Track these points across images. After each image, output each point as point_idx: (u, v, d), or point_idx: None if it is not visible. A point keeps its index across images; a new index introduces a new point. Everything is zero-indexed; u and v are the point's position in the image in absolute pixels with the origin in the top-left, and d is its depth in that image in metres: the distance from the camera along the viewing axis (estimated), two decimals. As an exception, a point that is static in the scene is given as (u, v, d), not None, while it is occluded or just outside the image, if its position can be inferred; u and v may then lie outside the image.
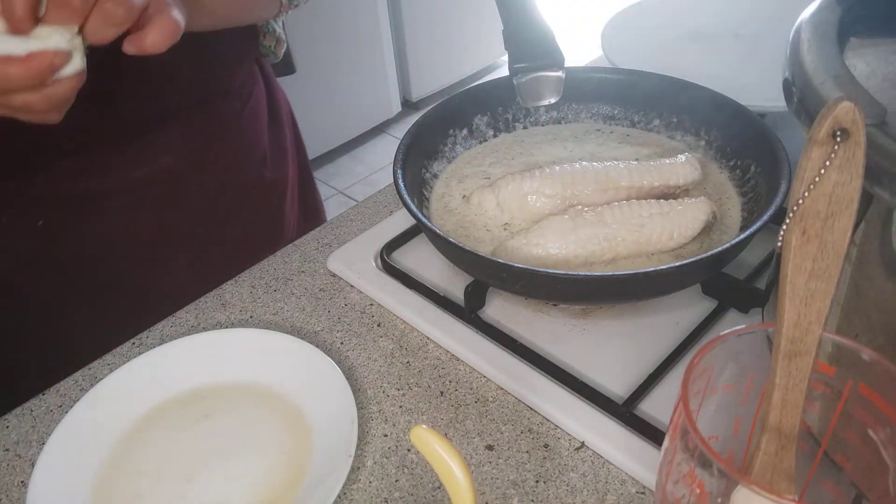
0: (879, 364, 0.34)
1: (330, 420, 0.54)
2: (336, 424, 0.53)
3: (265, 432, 0.55)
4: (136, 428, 0.56)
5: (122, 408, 0.57)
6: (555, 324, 0.62)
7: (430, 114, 0.71)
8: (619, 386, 0.56)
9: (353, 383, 0.59)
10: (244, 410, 0.57)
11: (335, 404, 0.55)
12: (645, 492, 0.50)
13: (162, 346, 0.60)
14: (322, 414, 0.55)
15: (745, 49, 0.88)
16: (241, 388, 0.58)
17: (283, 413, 0.56)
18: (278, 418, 0.56)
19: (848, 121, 0.31)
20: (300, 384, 0.57)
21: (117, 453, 0.54)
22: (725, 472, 0.32)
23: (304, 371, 0.58)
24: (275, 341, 0.60)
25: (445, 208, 0.68)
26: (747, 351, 0.37)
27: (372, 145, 2.80)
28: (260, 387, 0.58)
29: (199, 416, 0.57)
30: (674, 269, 0.54)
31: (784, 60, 0.45)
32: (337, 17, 2.46)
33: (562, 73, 0.67)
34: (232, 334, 0.61)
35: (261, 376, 0.59)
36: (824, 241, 0.33)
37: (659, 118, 0.74)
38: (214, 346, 0.61)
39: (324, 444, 0.53)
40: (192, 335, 0.61)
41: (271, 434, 0.55)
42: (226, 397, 0.58)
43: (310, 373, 0.57)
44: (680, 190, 0.66)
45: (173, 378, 0.59)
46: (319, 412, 0.55)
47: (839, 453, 0.38)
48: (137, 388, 0.58)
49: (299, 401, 0.57)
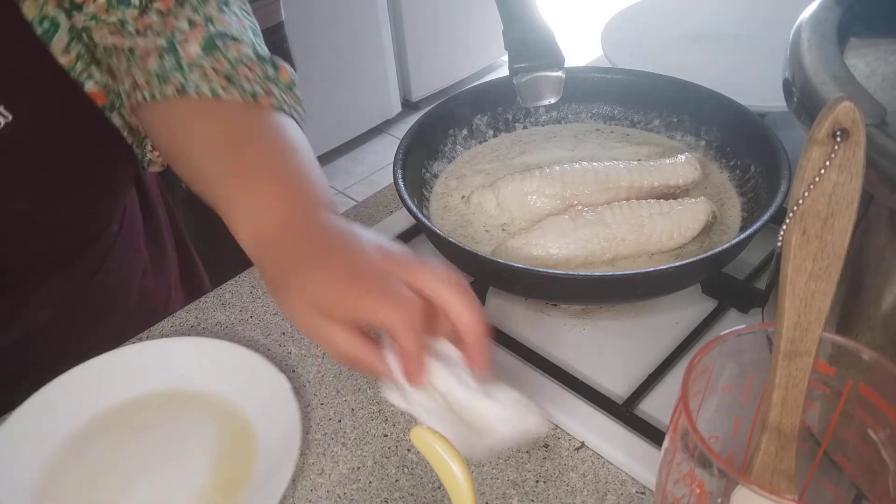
0: (879, 364, 0.34)
1: (274, 428, 0.54)
2: (280, 433, 0.53)
3: (206, 440, 0.54)
4: (77, 435, 0.56)
5: (64, 416, 0.56)
6: (555, 324, 0.62)
7: (430, 114, 0.71)
8: (619, 386, 0.56)
9: (352, 383, 0.59)
10: (186, 419, 0.56)
11: (281, 412, 0.54)
12: (645, 492, 0.50)
13: (105, 355, 0.59)
14: (267, 422, 0.54)
15: (745, 49, 0.88)
16: (183, 396, 0.58)
17: (225, 421, 0.56)
18: (220, 426, 0.55)
19: (848, 121, 0.30)
20: (245, 393, 0.57)
21: (57, 461, 0.54)
22: (725, 472, 0.32)
23: (251, 380, 0.57)
24: (220, 350, 0.60)
25: (445, 208, 0.68)
26: (747, 351, 0.37)
27: (372, 145, 2.80)
28: (203, 395, 0.58)
29: (141, 425, 0.56)
30: (674, 269, 0.54)
31: (784, 60, 0.45)
32: (337, 18, 2.46)
33: (562, 73, 0.67)
34: (177, 343, 0.61)
35: (205, 385, 0.58)
36: (824, 241, 0.33)
37: (659, 118, 0.74)
38: (159, 355, 0.60)
39: (267, 453, 0.53)
40: (136, 343, 0.61)
41: (213, 442, 0.54)
42: (168, 406, 0.57)
43: (256, 382, 0.57)
44: (680, 190, 0.66)
45: (117, 387, 0.58)
46: (264, 420, 0.55)
47: (839, 453, 0.38)
48: (79, 396, 0.57)
49: (243, 408, 0.56)
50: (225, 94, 0.56)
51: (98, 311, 0.76)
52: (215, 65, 0.56)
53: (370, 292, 0.43)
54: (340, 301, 0.43)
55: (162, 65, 0.56)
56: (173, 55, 0.56)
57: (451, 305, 0.43)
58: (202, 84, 0.56)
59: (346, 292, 0.44)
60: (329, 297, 0.44)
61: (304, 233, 0.48)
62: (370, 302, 0.42)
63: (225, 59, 0.57)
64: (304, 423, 0.55)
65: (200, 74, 0.56)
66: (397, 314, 0.42)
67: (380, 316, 0.42)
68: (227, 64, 0.57)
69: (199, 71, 0.56)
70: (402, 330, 0.42)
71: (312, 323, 0.44)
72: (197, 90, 0.56)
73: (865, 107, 0.33)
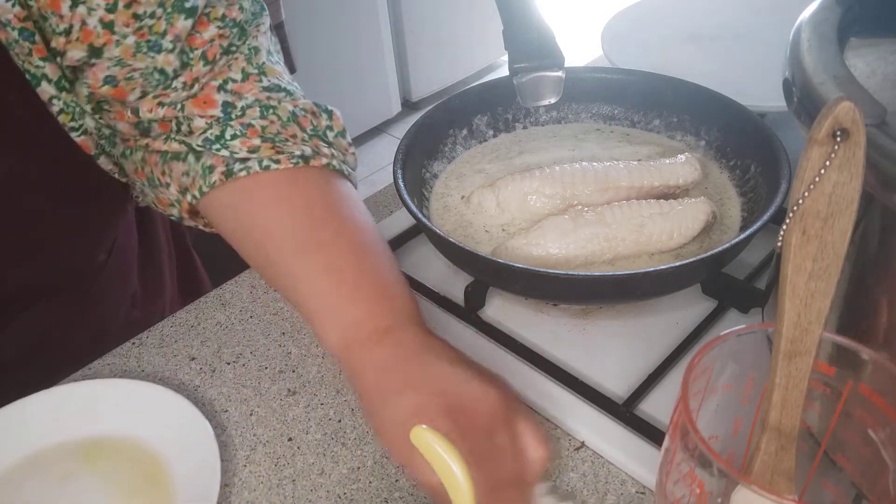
0: (879, 364, 0.34)
1: (194, 471, 0.52)
2: (200, 475, 0.51)
3: (125, 485, 0.53)
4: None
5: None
6: (555, 324, 0.62)
7: (430, 114, 0.71)
8: (619, 386, 0.56)
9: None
10: (103, 465, 0.54)
11: (199, 455, 0.52)
12: (645, 492, 0.50)
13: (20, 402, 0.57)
14: (185, 466, 0.53)
15: (745, 49, 0.88)
16: (100, 443, 0.55)
17: (144, 465, 0.54)
18: (139, 471, 0.53)
19: (848, 121, 0.30)
20: (164, 435, 0.55)
21: None
22: (725, 472, 0.32)
23: (171, 422, 0.55)
24: (139, 392, 0.57)
25: (445, 208, 0.68)
26: (747, 351, 0.37)
27: (372, 145, 2.80)
28: (121, 441, 0.55)
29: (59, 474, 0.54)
30: (674, 269, 0.54)
31: (784, 60, 0.45)
32: (337, 18, 2.46)
33: (562, 73, 0.67)
34: (89, 386, 0.58)
35: (122, 430, 0.56)
36: (824, 241, 0.33)
37: (659, 118, 0.74)
38: (77, 399, 0.57)
39: (186, 497, 0.51)
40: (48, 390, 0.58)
41: (130, 485, 0.52)
42: (84, 453, 0.55)
43: (176, 423, 0.55)
44: (680, 190, 0.66)
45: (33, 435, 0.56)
46: (183, 464, 0.53)
47: (839, 453, 0.38)
48: None
49: (162, 454, 0.54)
50: (276, 166, 0.54)
51: (80, 342, 0.73)
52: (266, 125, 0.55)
53: (473, 459, 0.41)
54: None
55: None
56: None
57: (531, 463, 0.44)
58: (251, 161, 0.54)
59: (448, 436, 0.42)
60: None
61: (402, 343, 0.47)
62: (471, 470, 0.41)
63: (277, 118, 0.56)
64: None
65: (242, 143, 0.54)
66: None
67: None
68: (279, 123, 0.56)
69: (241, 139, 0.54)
70: None
71: (407, 451, 0.43)
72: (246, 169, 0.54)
73: (865, 107, 0.33)
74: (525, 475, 0.44)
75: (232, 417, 0.57)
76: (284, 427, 0.56)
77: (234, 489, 0.52)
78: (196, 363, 0.62)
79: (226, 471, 0.54)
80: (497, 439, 0.43)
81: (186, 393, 0.59)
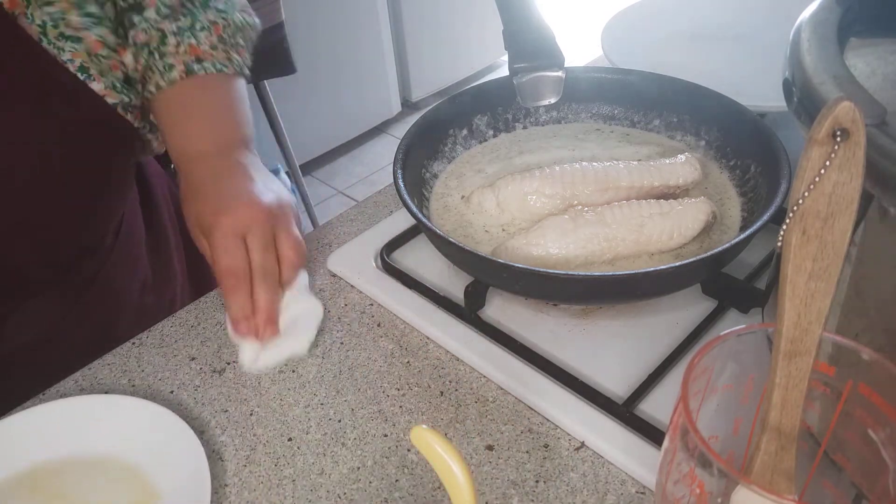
0: (879, 364, 0.34)
1: (182, 487, 0.51)
2: (188, 491, 0.50)
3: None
4: None
5: None
6: (555, 324, 0.62)
7: (430, 114, 0.71)
8: (619, 386, 0.56)
9: (352, 383, 0.59)
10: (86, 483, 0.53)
11: (187, 469, 0.51)
12: (645, 492, 0.50)
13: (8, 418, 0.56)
14: (173, 482, 0.51)
15: (745, 49, 0.88)
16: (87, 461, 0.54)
17: (129, 481, 0.52)
18: (124, 489, 0.52)
19: (848, 121, 0.31)
20: (150, 451, 0.54)
21: None
22: (725, 472, 0.32)
23: (158, 437, 0.54)
24: (125, 407, 0.56)
25: (445, 208, 0.68)
26: (747, 351, 0.37)
27: (372, 145, 2.80)
28: (106, 456, 0.54)
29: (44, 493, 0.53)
30: (674, 269, 0.54)
31: (784, 60, 0.45)
32: (337, 18, 2.46)
33: (562, 73, 0.67)
34: (77, 403, 0.57)
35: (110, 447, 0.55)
36: (824, 241, 0.33)
37: (659, 118, 0.74)
38: (58, 416, 0.56)
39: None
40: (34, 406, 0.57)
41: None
42: (68, 471, 0.54)
43: (163, 439, 0.54)
44: (680, 190, 0.66)
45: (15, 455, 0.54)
46: (170, 478, 0.52)
47: (839, 453, 0.38)
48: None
49: (147, 468, 0.53)
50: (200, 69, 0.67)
51: (92, 327, 0.74)
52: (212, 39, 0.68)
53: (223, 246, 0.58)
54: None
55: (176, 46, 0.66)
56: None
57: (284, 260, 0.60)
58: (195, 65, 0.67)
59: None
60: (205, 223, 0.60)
61: (218, 164, 0.63)
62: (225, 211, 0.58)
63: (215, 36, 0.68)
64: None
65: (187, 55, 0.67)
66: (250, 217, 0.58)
67: (238, 215, 0.58)
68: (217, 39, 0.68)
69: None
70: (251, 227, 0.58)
71: (196, 236, 0.62)
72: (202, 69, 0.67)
73: (865, 107, 0.33)
74: (273, 268, 0.59)
75: (232, 417, 0.57)
76: (284, 427, 0.56)
77: (234, 489, 0.52)
78: (196, 363, 0.62)
79: (225, 471, 0.54)
80: (251, 239, 0.58)
81: (186, 393, 0.59)
